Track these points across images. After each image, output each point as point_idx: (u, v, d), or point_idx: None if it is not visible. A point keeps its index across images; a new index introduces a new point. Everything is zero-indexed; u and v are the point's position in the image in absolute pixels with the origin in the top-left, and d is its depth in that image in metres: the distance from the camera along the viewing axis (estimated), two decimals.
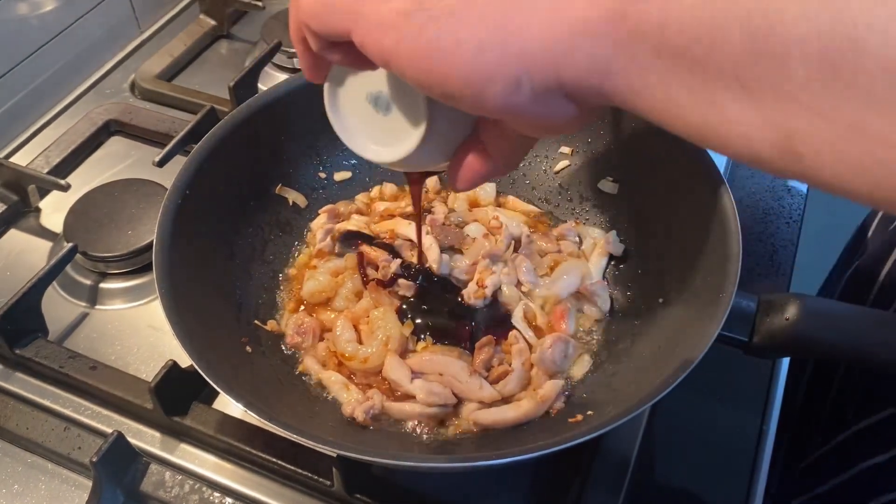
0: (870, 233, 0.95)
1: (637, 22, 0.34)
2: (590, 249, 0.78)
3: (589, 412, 0.62)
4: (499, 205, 0.84)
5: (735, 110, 0.32)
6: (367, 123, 0.51)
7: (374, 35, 0.40)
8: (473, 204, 0.83)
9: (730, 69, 0.32)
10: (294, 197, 0.81)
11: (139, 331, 0.78)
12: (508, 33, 0.37)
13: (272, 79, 1.02)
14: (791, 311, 0.60)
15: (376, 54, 0.40)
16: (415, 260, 0.74)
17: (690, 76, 0.33)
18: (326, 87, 0.52)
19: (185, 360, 0.65)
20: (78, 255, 0.81)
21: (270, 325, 0.73)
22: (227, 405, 0.69)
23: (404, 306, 0.71)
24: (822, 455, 0.87)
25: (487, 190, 0.84)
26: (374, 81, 0.49)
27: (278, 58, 1.05)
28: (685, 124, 0.35)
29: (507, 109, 0.39)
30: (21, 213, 0.90)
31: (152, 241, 0.65)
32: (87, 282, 0.82)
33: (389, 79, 0.48)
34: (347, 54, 0.44)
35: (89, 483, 0.64)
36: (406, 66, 0.39)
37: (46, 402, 0.71)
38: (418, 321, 0.71)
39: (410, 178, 0.68)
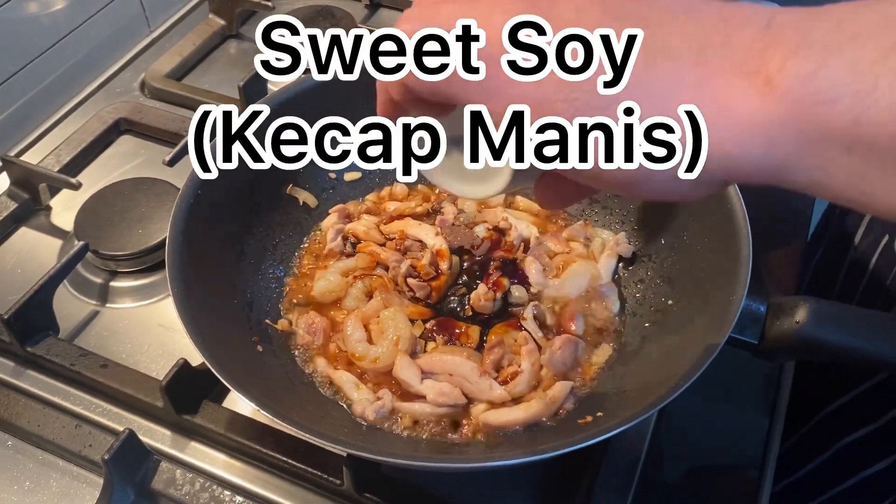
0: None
1: (824, 123, 0.32)
2: (599, 251, 0.78)
3: (598, 413, 0.62)
4: (508, 205, 0.84)
5: None
6: (454, 162, 0.49)
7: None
8: (483, 204, 0.83)
9: None
10: (304, 197, 0.81)
11: (149, 329, 0.78)
12: None
13: (281, 79, 1.02)
14: (800, 315, 0.60)
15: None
16: (425, 261, 0.74)
17: (888, 168, 0.32)
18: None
19: (195, 359, 0.65)
20: (88, 254, 0.81)
21: (281, 324, 0.73)
22: (238, 404, 0.69)
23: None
24: (801, 437, 0.87)
25: None
26: (455, 124, 0.46)
27: None
28: (874, 207, 0.34)
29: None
30: (32, 212, 0.90)
31: (163, 240, 0.66)
32: (98, 280, 0.83)
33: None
34: (433, 108, 0.41)
35: (100, 480, 0.65)
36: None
37: (58, 400, 0.72)
38: (428, 322, 0.71)
39: None
